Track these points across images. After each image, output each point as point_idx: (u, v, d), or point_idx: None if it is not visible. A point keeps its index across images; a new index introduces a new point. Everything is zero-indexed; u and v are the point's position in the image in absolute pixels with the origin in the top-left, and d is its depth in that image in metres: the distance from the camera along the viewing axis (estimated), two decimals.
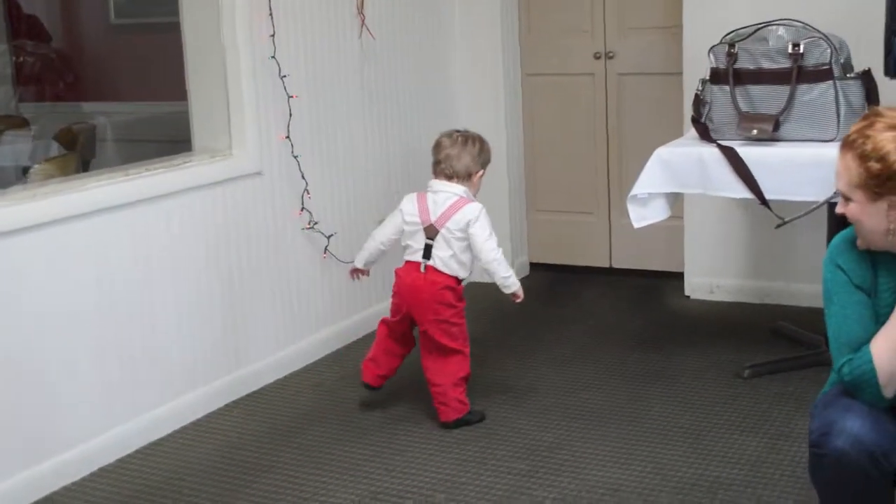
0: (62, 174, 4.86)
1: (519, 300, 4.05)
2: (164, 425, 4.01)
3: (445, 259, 3.94)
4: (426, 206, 3.98)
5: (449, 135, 4.06)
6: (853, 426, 2.51)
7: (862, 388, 2.52)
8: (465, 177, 4.00)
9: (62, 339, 3.63)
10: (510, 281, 3.99)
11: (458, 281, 4.01)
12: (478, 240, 3.93)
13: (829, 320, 2.62)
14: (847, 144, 2.52)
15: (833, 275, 2.62)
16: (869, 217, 2.50)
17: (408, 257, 4.01)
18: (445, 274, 3.95)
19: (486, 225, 3.94)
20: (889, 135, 2.44)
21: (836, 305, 2.60)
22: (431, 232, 3.95)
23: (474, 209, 3.93)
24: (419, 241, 3.97)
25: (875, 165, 2.45)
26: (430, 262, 3.94)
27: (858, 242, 2.58)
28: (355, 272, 4.27)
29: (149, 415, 3.96)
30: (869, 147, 2.46)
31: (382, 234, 4.12)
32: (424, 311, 3.94)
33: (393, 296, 4.06)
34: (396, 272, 4.04)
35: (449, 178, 4.00)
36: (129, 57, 6.27)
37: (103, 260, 3.77)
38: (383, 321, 4.12)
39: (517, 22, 5.79)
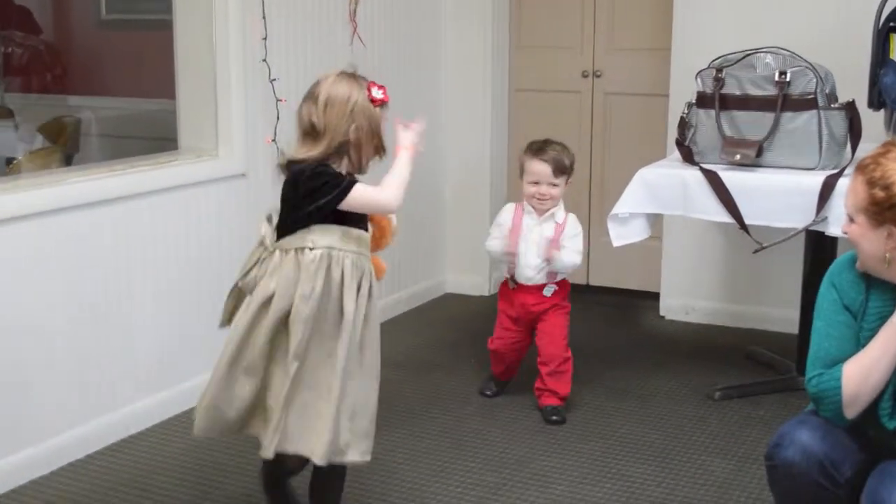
0: (45, 167, 4.86)
1: None
2: (137, 422, 4.01)
3: None
4: None
5: None
6: (802, 437, 2.58)
7: (824, 402, 2.58)
8: None
9: (39, 331, 3.63)
10: None
11: None
12: None
13: (813, 334, 2.67)
14: (860, 168, 2.55)
15: (827, 291, 2.67)
16: (868, 242, 2.54)
17: None
18: None
19: None
20: None
21: (822, 321, 2.65)
22: None
23: None
24: None
25: (879, 193, 2.48)
26: None
27: (857, 264, 2.62)
28: None
29: (122, 411, 3.95)
30: (878, 174, 2.49)
31: None
32: None
33: None
34: None
35: None
36: (118, 52, 6.26)
37: (84, 254, 3.77)
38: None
39: (507, 36, 5.81)
